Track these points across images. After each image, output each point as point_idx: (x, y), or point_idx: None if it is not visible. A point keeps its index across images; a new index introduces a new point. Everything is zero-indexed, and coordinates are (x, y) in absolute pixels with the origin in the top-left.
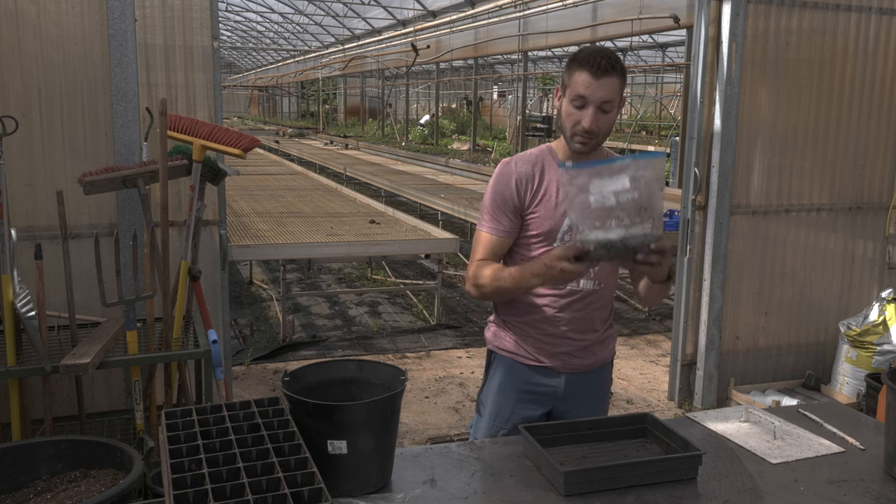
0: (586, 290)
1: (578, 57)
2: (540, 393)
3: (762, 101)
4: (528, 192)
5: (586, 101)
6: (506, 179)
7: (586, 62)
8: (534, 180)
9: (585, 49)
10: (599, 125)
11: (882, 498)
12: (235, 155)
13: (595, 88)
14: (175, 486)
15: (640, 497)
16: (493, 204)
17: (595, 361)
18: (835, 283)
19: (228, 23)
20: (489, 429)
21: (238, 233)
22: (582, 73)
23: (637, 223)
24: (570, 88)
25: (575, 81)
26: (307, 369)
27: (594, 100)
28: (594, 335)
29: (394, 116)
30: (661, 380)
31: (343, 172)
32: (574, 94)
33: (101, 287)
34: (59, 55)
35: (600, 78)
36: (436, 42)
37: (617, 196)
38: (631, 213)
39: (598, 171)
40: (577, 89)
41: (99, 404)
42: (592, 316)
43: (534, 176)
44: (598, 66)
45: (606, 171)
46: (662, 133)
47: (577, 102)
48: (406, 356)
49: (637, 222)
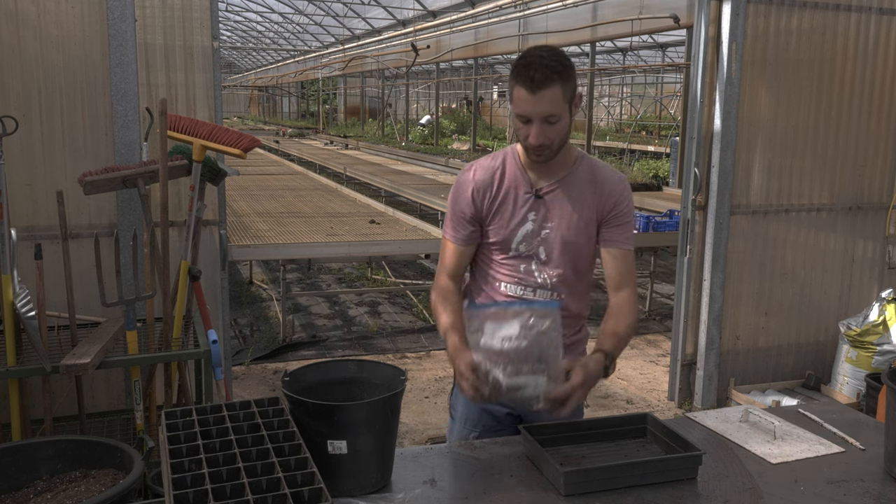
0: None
1: (514, 70)
2: None
3: (762, 101)
4: (485, 200)
5: (528, 118)
6: (463, 189)
7: (521, 76)
8: (492, 188)
9: (522, 59)
10: (549, 137)
11: (882, 498)
12: (235, 155)
13: (534, 104)
14: (175, 486)
15: (640, 497)
16: (452, 213)
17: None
18: (835, 283)
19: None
20: (461, 432)
21: (238, 233)
22: (519, 88)
23: (524, 373)
24: (513, 103)
25: (514, 97)
26: (307, 369)
27: (535, 115)
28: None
29: (394, 116)
30: (661, 380)
31: (343, 172)
32: (516, 111)
33: (101, 287)
34: (59, 55)
35: (537, 92)
36: (436, 42)
37: (504, 342)
38: (516, 361)
39: (492, 314)
40: (517, 105)
41: (99, 404)
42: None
43: (492, 184)
44: (533, 81)
45: (501, 315)
46: (662, 133)
47: (520, 119)
48: (406, 356)
49: (524, 372)
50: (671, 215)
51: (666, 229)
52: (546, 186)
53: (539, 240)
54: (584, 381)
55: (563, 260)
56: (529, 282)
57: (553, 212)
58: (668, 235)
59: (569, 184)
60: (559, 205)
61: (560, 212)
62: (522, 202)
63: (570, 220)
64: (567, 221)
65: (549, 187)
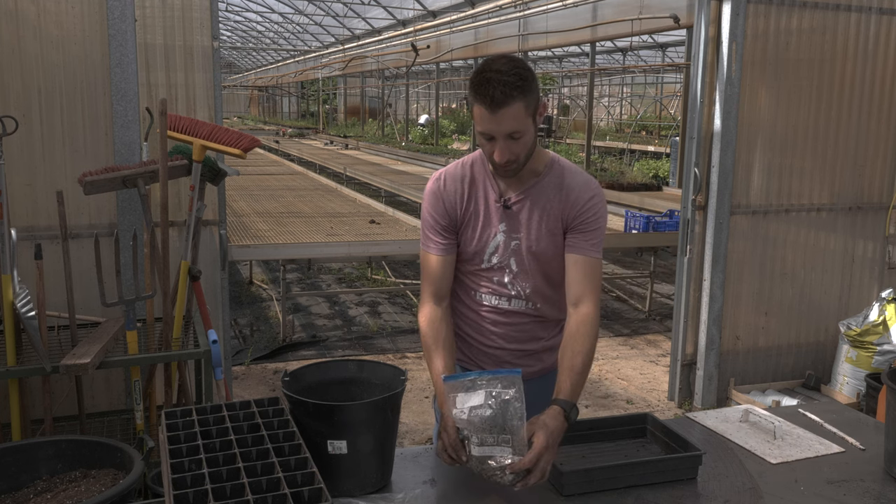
0: (519, 310)
1: (473, 86)
2: None
3: (762, 101)
4: (457, 211)
5: (491, 136)
6: (435, 200)
7: (480, 95)
8: (462, 198)
9: (479, 76)
10: (514, 152)
11: (882, 498)
12: (235, 155)
13: (495, 123)
14: (175, 486)
15: (640, 497)
16: (427, 224)
17: (543, 367)
18: (835, 283)
19: (228, 23)
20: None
21: (238, 233)
22: (479, 107)
23: (489, 444)
24: (474, 120)
25: (475, 115)
26: (307, 369)
27: (498, 133)
28: (538, 343)
29: (394, 116)
30: (661, 380)
31: (343, 172)
32: (478, 129)
33: (101, 287)
34: (59, 55)
35: (497, 112)
36: (436, 42)
37: (470, 412)
38: (481, 430)
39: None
40: (479, 124)
41: (99, 404)
42: (532, 327)
43: (463, 193)
44: (493, 100)
45: (469, 385)
46: (662, 133)
47: (483, 136)
48: (406, 356)
49: (489, 443)
50: (671, 215)
51: (666, 229)
52: (514, 196)
53: (510, 251)
54: (548, 444)
55: (534, 271)
56: (504, 293)
57: (521, 223)
58: (668, 235)
59: (537, 192)
60: (527, 215)
61: (528, 223)
62: (493, 212)
63: (538, 231)
64: (535, 232)
65: (517, 197)
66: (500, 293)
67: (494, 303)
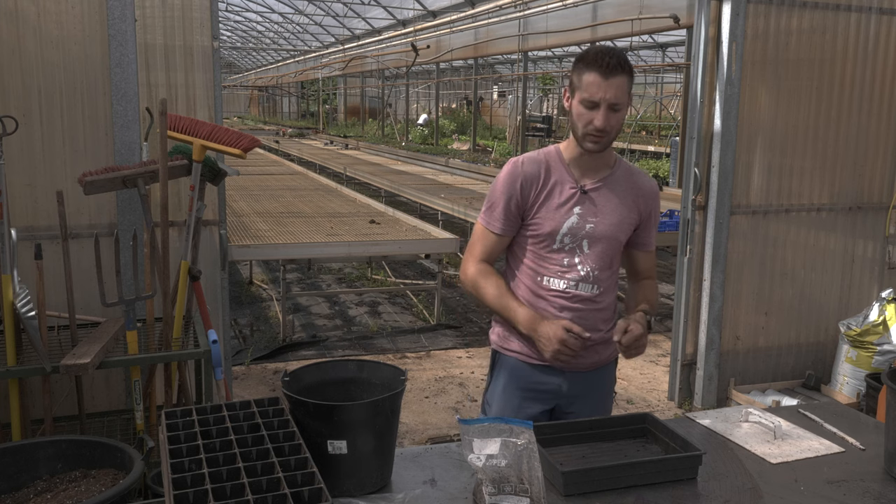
0: (585, 295)
1: (587, 57)
2: (544, 391)
3: (762, 101)
4: (531, 192)
5: (597, 102)
6: (512, 180)
7: (595, 62)
8: (539, 180)
9: (593, 49)
10: (611, 124)
11: (882, 498)
12: (235, 155)
13: (605, 88)
14: (175, 486)
15: (640, 497)
16: (497, 202)
17: (598, 360)
18: (835, 283)
19: (228, 23)
20: None
21: (238, 233)
22: (591, 73)
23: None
24: (581, 89)
25: (584, 82)
26: (307, 369)
27: (604, 100)
28: (597, 335)
29: (394, 116)
30: (661, 380)
31: (343, 172)
32: (584, 95)
33: (101, 287)
34: (59, 55)
35: (609, 78)
36: (436, 42)
37: (485, 460)
38: (497, 480)
39: (477, 430)
40: (587, 90)
41: (99, 404)
42: (594, 317)
43: (539, 176)
44: (607, 66)
45: (485, 431)
46: (662, 133)
47: (587, 103)
48: (406, 356)
49: (506, 491)
50: (671, 215)
51: (666, 229)
52: (590, 183)
53: (584, 234)
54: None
55: (603, 254)
56: (572, 275)
57: (598, 207)
58: (668, 235)
59: (612, 183)
60: (604, 201)
61: (604, 208)
62: (568, 196)
63: (612, 217)
64: (610, 218)
65: (594, 184)
66: (569, 276)
67: (563, 287)
